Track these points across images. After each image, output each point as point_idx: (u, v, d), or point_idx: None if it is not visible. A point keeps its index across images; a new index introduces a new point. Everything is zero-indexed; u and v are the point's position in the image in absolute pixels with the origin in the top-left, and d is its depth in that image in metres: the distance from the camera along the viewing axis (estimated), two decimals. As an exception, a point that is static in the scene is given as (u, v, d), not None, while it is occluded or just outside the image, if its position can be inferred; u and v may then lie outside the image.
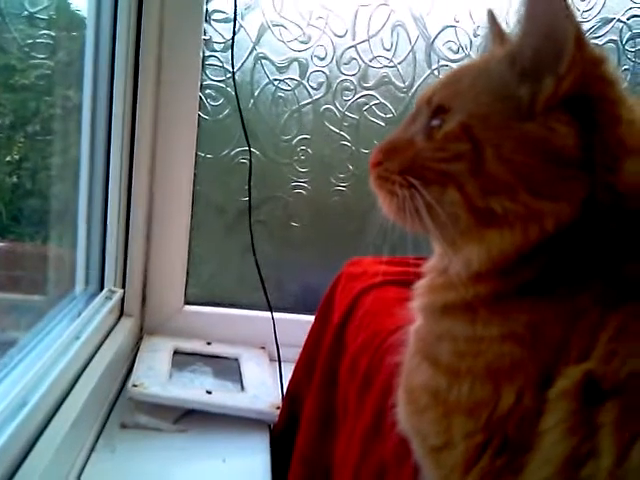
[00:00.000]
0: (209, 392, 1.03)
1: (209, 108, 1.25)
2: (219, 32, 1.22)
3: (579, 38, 0.38)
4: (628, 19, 1.25)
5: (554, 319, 0.38)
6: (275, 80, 1.25)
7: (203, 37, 1.20)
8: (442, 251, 0.46)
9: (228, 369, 1.17)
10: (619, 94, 0.40)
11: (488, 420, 0.38)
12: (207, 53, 1.22)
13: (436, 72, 1.27)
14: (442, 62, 1.27)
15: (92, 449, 0.89)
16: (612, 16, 1.25)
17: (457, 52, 1.26)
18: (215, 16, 1.21)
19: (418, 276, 0.51)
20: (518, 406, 0.37)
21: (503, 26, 0.50)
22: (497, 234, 0.40)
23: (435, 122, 0.44)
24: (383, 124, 1.28)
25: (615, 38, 1.26)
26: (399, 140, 0.47)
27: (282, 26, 1.23)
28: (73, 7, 1.12)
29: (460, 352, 0.41)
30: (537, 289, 0.39)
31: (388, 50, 1.26)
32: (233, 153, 1.27)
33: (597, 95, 0.39)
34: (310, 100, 1.27)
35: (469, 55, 1.26)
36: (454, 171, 0.41)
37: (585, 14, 1.25)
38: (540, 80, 0.40)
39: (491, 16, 0.51)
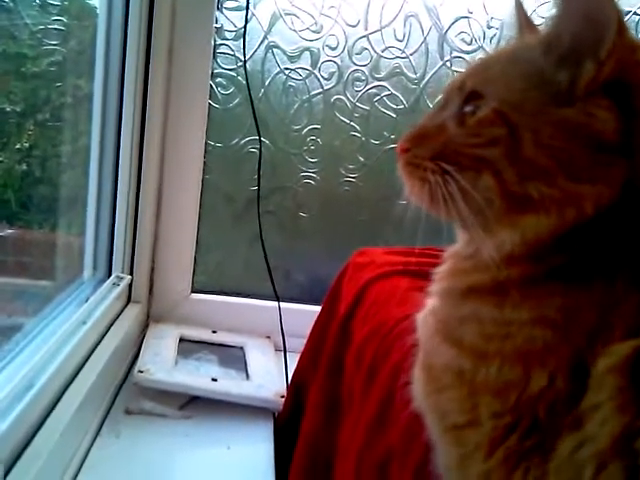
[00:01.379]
0: (214, 379, 1.04)
1: (220, 96, 1.24)
2: (231, 20, 1.21)
3: (620, 23, 0.38)
4: (645, 12, 1.24)
5: (589, 305, 0.38)
6: (286, 69, 1.25)
7: (215, 25, 1.20)
8: (470, 237, 0.45)
9: (233, 358, 1.17)
10: None
11: (517, 401, 0.38)
12: (218, 41, 1.22)
13: (448, 64, 1.26)
14: (455, 53, 1.26)
15: (97, 434, 0.90)
16: (628, 9, 1.23)
17: (470, 43, 1.25)
18: (227, 4, 1.21)
19: (426, 265, 0.51)
20: (550, 388, 0.37)
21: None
22: (533, 218, 0.40)
23: (468, 108, 0.44)
24: (394, 115, 1.27)
25: (631, 32, 1.24)
26: (428, 127, 0.46)
27: (294, 15, 1.22)
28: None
29: (487, 334, 0.41)
30: (571, 274, 0.39)
31: (400, 41, 1.25)
32: (243, 142, 1.27)
33: (635, 81, 0.39)
34: (321, 90, 1.26)
35: (482, 47, 1.25)
36: (490, 156, 0.41)
37: (601, 7, 1.23)
38: (579, 65, 0.39)
39: (519, 5, 0.51)
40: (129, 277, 1.19)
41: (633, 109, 0.39)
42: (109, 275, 1.17)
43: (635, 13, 1.24)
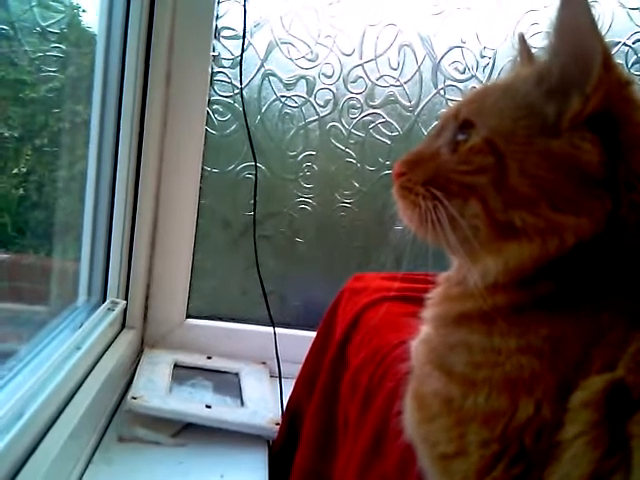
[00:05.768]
0: (208, 406, 1.03)
1: (216, 123, 1.26)
2: (228, 49, 1.23)
3: (606, 58, 0.39)
4: (634, 43, 1.26)
5: (575, 336, 0.38)
6: (282, 97, 1.26)
7: (212, 53, 1.21)
8: (460, 262, 0.46)
9: (228, 384, 1.16)
10: None
11: (504, 430, 0.38)
12: (216, 69, 1.24)
13: (442, 92, 1.28)
14: (448, 82, 1.27)
15: (89, 461, 0.88)
16: (617, 40, 1.26)
17: (463, 72, 1.27)
18: (224, 33, 1.22)
19: (422, 291, 0.51)
20: (537, 417, 0.37)
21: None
22: (515, 246, 0.40)
23: (461, 136, 0.45)
24: (389, 142, 1.28)
25: (621, 62, 1.27)
26: (424, 153, 0.48)
27: (290, 44, 1.24)
28: (85, 24, 1.14)
29: (476, 362, 0.41)
30: (557, 303, 0.40)
31: (395, 69, 1.27)
32: (239, 168, 1.28)
33: (622, 115, 0.40)
34: (317, 117, 1.28)
35: (475, 76, 1.27)
36: (477, 184, 0.42)
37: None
38: (566, 98, 0.40)
39: (521, 38, 0.52)
40: (124, 302, 1.18)
41: (619, 143, 0.39)
42: (104, 300, 1.16)
43: (625, 44, 1.26)
